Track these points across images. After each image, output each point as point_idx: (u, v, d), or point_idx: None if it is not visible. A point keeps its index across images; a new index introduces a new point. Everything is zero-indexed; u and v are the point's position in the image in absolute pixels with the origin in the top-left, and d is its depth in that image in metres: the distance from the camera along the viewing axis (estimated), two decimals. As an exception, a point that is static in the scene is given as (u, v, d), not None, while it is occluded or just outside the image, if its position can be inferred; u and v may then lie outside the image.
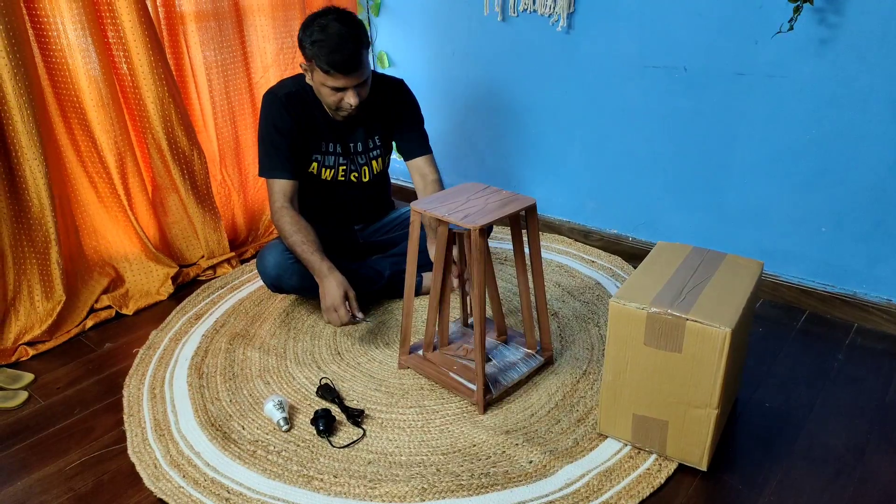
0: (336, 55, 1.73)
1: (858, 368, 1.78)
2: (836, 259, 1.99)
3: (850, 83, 1.81)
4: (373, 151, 2.07)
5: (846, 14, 1.76)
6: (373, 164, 2.09)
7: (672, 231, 2.30)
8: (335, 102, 1.85)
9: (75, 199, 2.12)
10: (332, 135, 1.99)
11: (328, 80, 1.79)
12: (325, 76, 1.78)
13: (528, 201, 1.61)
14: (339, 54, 1.73)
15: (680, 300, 1.36)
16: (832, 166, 1.91)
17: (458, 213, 1.55)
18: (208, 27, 2.30)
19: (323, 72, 1.77)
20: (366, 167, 2.08)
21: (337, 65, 1.74)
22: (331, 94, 1.83)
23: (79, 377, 1.85)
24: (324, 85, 1.81)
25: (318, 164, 2.00)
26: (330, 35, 1.74)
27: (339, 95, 1.82)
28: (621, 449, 1.51)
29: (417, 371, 1.78)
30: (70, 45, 1.96)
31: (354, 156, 2.05)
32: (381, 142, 2.08)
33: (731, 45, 1.97)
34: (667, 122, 2.18)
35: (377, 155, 2.09)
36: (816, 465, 1.46)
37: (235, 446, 1.55)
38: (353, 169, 2.05)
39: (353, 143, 2.03)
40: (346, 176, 2.05)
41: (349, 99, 1.82)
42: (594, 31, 2.24)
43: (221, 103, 2.41)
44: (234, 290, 2.24)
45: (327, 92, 1.83)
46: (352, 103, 1.82)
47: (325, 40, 1.74)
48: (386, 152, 2.13)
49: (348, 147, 2.02)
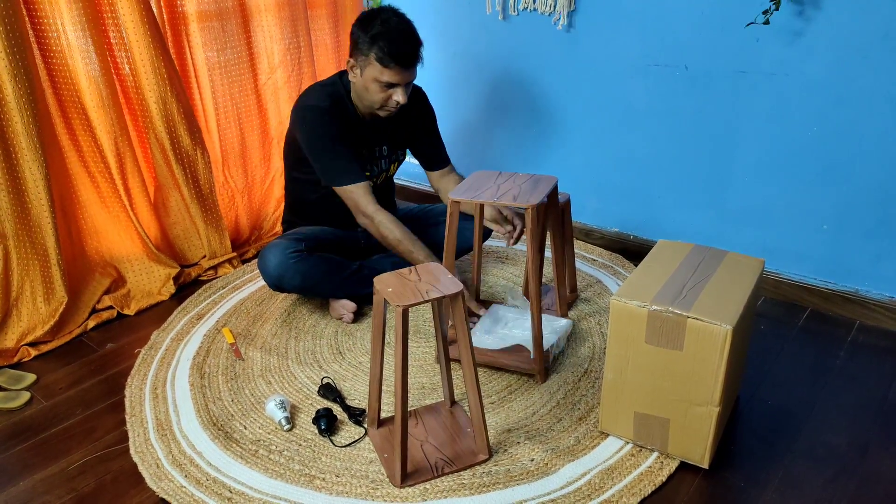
0: (398, 48, 1.77)
1: (860, 366, 1.78)
2: (838, 257, 1.99)
3: (852, 81, 1.81)
4: (393, 156, 2.11)
5: (847, 13, 1.75)
6: (391, 167, 2.12)
7: (674, 229, 2.29)
8: (383, 100, 1.85)
9: (77, 200, 2.13)
10: (363, 141, 2.00)
11: (384, 74, 1.79)
12: (382, 70, 1.79)
13: (552, 180, 1.72)
14: (401, 47, 1.77)
15: (681, 298, 1.36)
16: (834, 164, 1.91)
17: (505, 195, 1.64)
18: (212, 27, 2.28)
19: (381, 65, 1.78)
20: (384, 173, 2.10)
21: (398, 58, 1.77)
22: (380, 91, 1.83)
23: (81, 378, 1.85)
24: (376, 80, 1.82)
25: None
26: (392, 29, 1.78)
27: (388, 93, 1.84)
28: (623, 447, 1.51)
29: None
30: (70, 45, 1.95)
31: (379, 160, 2.07)
32: (401, 147, 2.12)
33: (733, 42, 1.96)
34: (668, 121, 2.18)
35: (396, 159, 2.13)
36: (818, 463, 1.46)
37: (237, 446, 1.55)
38: (374, 174, 2.06)
39: (377, 147, 2.05)
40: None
41: (397, 97, 1.84)
42: (595, 30, 2.23)
43: (225, 105, 2.39)
44: (235, 290, 2.25)
45: (376, 89, 1.83)
46: (399, 101, 1.84)
47: (387, 33, 1.77)
48: (402, 157, 2.16)
49: (373, 151, 2.04)
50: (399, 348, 1.31)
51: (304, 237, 1.99)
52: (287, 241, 1.96)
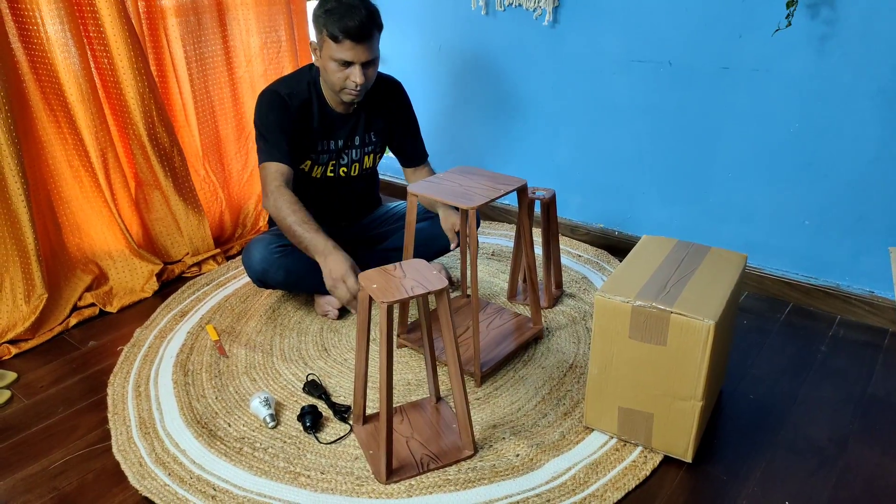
0: (348, 20, 1.74)
1: (841, 360, 1.80)
2: (819, 252, 2.01)
3: (833, 78, 1.83)
4: (367, 147, 2.07)
5: (831, 10, 1.77)
6: (365, 159, 2.08)
7: (658, 225, 2.31)
8: (341, 81, 1.82)
9: (58, 196, 2.10)
10: (329, 132, 1.98)
11: (337, 50, 1.77)
12: (335, 47, 1.77)
13: (517, 182, 1.68)
14: (350, 20, 1.74)
15: (664, 293, 1.36)
16: (815, 160, 1.93)
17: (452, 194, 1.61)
18: (188, 21, 2.28)
19: (333, 41, 1.77)
20: (357, 163, 2.07)
21: (348, 31, 1.74)
22: (337, 70, 1.81)
23: (62, 375, 1.83)
24: (332, 59, 1.79)
25: (312, 161, 2.00)
26: (343, 3, 1.76)
27: (345, 73, 1.81)
28: (607, 442, 1.52)
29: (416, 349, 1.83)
30: (49, 39, 1.93)
31: (349, 150, 2.04)
32: (377, 138, 2.08)
33: (716, 39, 1.97)
34: (652, 117, 2.19)
35: (371, 151, 2.09)
36: (800, 456, 1.48)
37: (221, 443, 1.54)
38: (344, 164, 2.04)
39: (348, 138, 2.02)
40: (336, 171, 2.04)
41: (355, 76, 1.80)
42: (579, 26, 2.24)
43: (202, 98, 2.39)
44: (219, 287, 2.23)
45: (334, 68, 1.81)
46: (357, 81, 1.80)
47: (339, 8, 1.75)
48: (380, 150, 2.13)
49: (344, 141, 2.02)
50: (384, 345, 1.31)
51: (288, 233, 1.98)
52: (271, 235, 1.95)
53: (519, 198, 1.72)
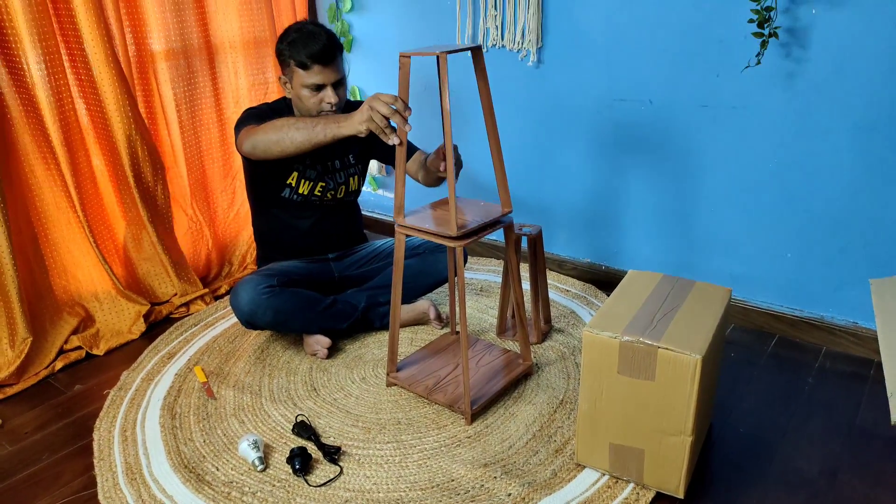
0: (312, 46, 1.83)
1: (828, 391, 1.81)
2: (803, 284, 2.04)
3: (808, 115, 1.88)
4: (350, 169, 2.12)
5: (806, 48, 1.83)
6: (350, 181, 2.13)
7: (644, 259, 2.33)
8: (316, 104, 1.89)
9: (45, 238, 2.10)
10: (311, 156, 2.00)
11: (307, 76, 1.85)
12: (304, 73, 1.85)
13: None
14: (315, 45, 1.83)
15: (651, 328, 1.38)
16: (796, 194, 1.97)
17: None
18: (178, 65, 2.34)
19: (302, 68, 1.84)
20: (343, 185, 2.12)
21: (314, 55, 1.83)
22: (311, 96, 1.88)
23: (47, 421, 1.80)
24: (304, 86, 1.87)
25: (299, 174, 2.03)
26: (305, 33, 1.85)
27: (318, 96, 1.88)
28: (599, 479, 1.51)
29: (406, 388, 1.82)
30: (34, 84, 1.97)
31: (333, 173, 2.09)
32: (357, 160, 2.14)
33: (694, 78, 2.03)
34: (636, 153, 2.23)
35: (354, 173, 2.14)
36: (790, 490, 1.48)
37: (209, 488, 1.52)
38: (331, 187, 2.08)
39: (330, 162, 2.08)
40: (323, 192, 2.07)
41: (329, 97, 1.87)
42: (562, 66, 2.29)
43: (190, 138, 2.43)
44: (207, 328, 2.22)
45: (307, 95, 1.88)
46: (332, 101, 1.88)
47: (301, 38, 1.85)
48: (362, 172, 2.18)
49: (326, 165, 2.07)
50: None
51: (276, 272, 1.98)
52: (259, 276, 1.95)
53: (506, 234, 1.74)
